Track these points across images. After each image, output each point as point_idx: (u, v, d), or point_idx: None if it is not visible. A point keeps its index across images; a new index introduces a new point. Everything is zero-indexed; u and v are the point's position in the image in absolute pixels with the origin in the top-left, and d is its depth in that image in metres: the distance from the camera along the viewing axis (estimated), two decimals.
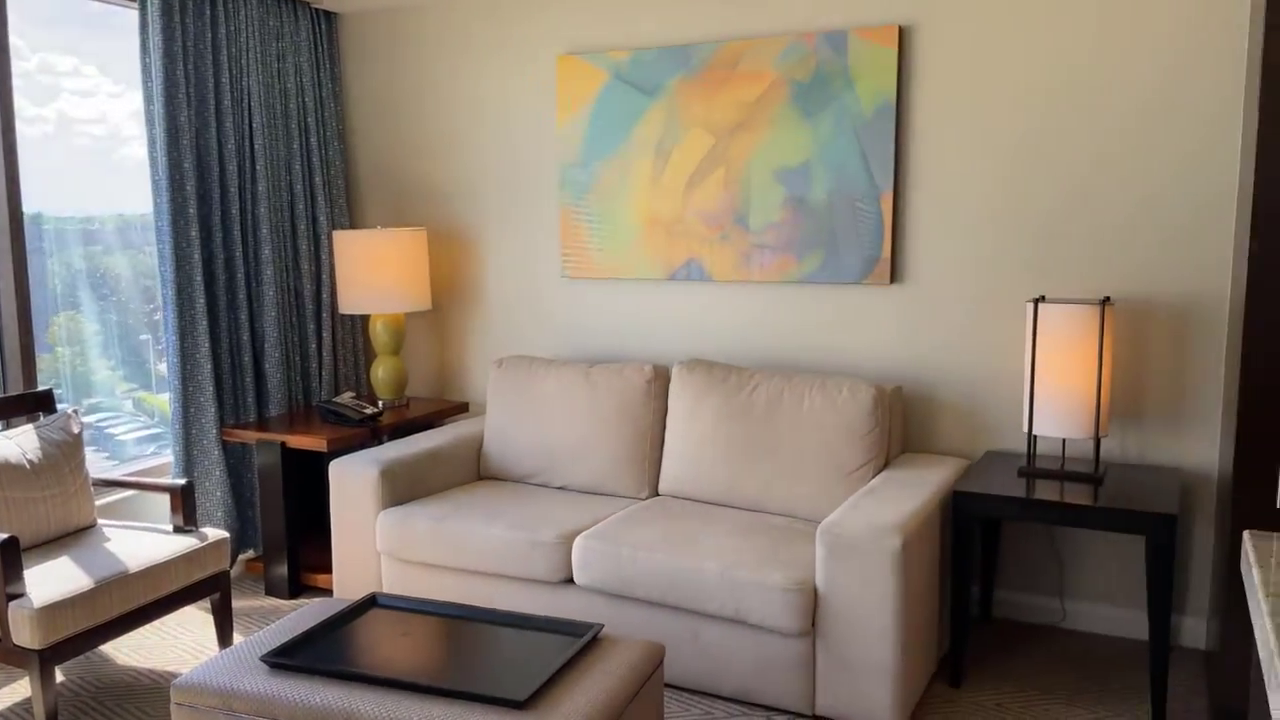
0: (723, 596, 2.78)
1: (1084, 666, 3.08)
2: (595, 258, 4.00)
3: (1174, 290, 3.12)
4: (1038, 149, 3.24)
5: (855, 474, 3.17)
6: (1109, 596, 3.32)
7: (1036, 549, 3.41)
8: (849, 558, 2.65)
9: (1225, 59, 2.98)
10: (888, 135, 3.41)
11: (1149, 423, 3.20)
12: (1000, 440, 3.40)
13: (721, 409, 3.37)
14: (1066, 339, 2.95)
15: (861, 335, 3.56)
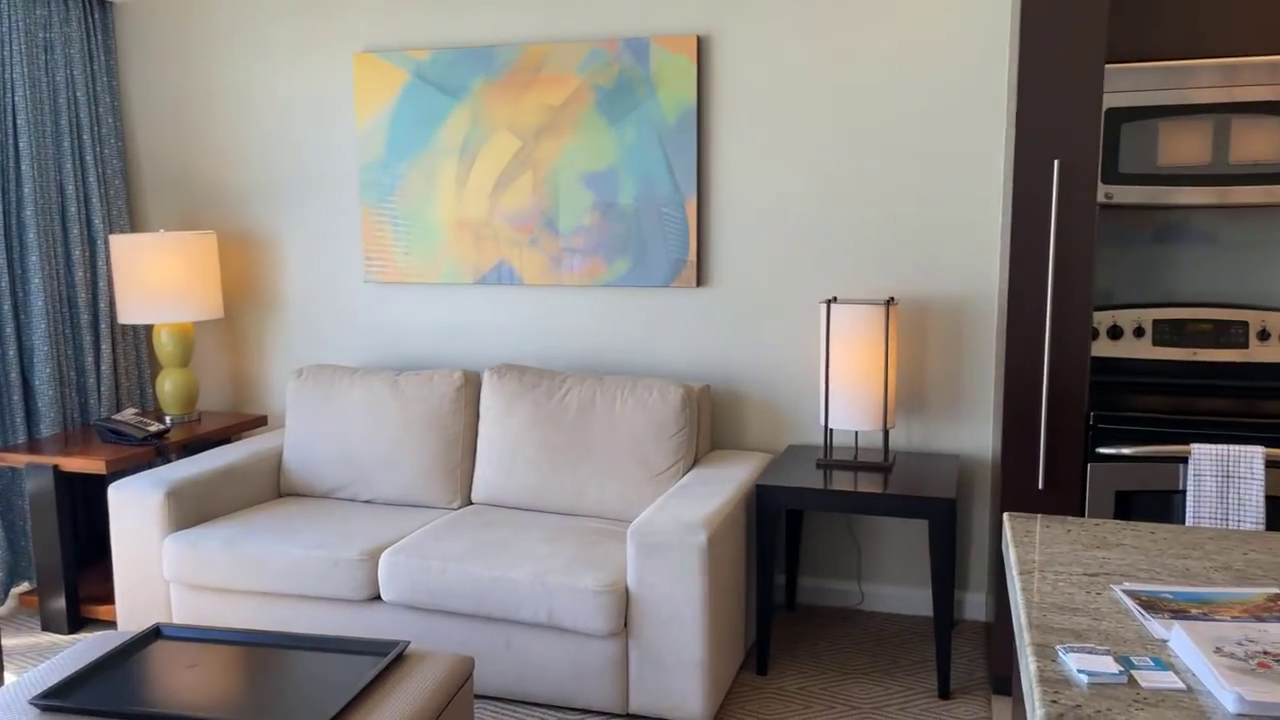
0: (535, 603, 2.76)
1: (880, 645, 3.26)
2: (401, 261, 3.89)
3: (950, 290, 3.36)
4: (828, 157, 3.41)
5: (665, 473, 3.23)
6: (902, 578, 3.53)
7: (836, 536, 3.58)
8: (658, 556, 2.69)
9: (991, 72, 3.23)
10: (690, 142, 3.50)
11: (931, 413, 3.42)
12: (801, 434, 3.56)
13: (533, 414, 3.35)
14: (856, 337, 3.12)
15: (670, 337, 3.64)
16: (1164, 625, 1.34)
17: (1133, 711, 1.12)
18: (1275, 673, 1.17)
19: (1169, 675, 1.20)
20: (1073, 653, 1.26)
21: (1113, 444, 2.70)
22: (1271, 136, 2.70)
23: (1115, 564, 1.60)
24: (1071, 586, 1.50)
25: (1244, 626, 1.32)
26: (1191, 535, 1.73)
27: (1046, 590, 1.49)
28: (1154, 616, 1.37)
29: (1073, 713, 1.13)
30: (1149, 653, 1.27)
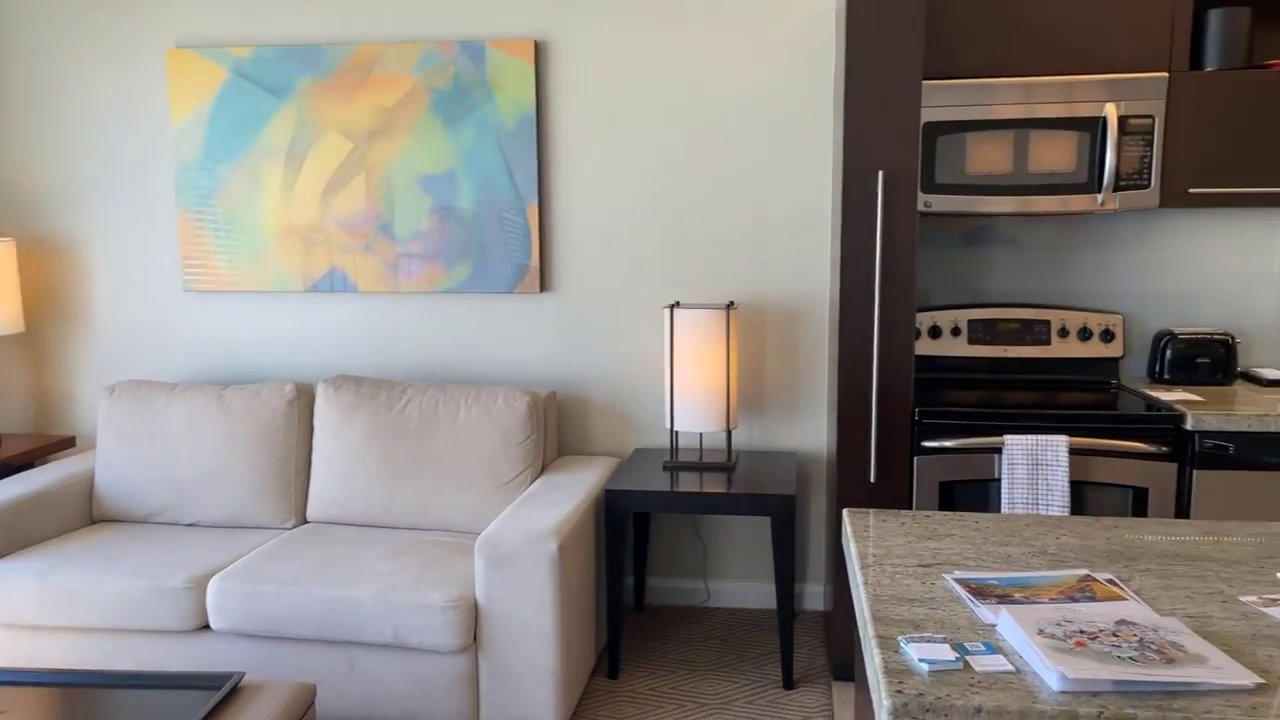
0: (380, 622, 2.67)
1: (726, 640, 3.34)
2: (224, 269, 3.68)
3: (786, 293, 3.48)
4: (669, 163, 3.47)
5: (513, 482, 3.19)
6: (746, 573, 3.63)
7: (682, 536, 3.65)
8: (508, 567, 2.66)
9: (821, 85, 3.37)
10: (530, 147, 3.47)
11: (771, 413, 3.54)
12: (648, 438, 3.60)
13: (372, 426, 3.24)
14: (699, 341, 3.18)
15: (515, 344, 3.60)
16: (992, 611, 1.43)
17: (969, 695, 1.19)
18: (1090, 650, 1.27)
19: (999, 659, 1.29)
20: (913, 643, 1.33)
21: (936, 437, 2.87)
22: (1065, 150, 2.94)
23: (946, 554, 1.69)
24: (908, 578, 1.58)
25: (1061, 608, 1.42)
26: (1010, 523, 1.86)
27: (885, 583, 1.56)
28: (983, 603, 1.46)
29: (916, 701, 1.19)
30: (980, 638, 1.35)
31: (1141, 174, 2.92)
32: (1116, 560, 1.65)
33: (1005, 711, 1.17)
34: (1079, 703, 1.17)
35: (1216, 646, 1.31)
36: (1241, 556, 1.66)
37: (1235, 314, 3.28)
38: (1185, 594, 1.50)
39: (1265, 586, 1.53)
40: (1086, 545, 1.73)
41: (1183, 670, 1.21)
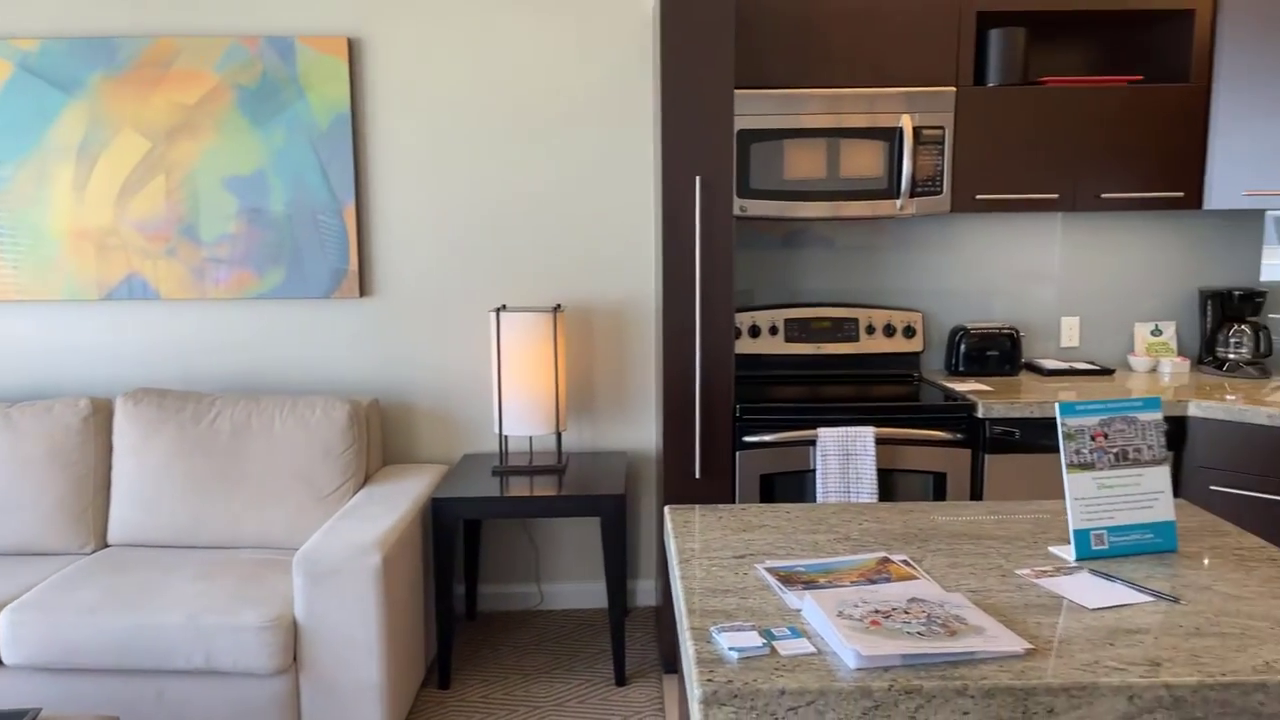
0: (190, 648, 2.53)
1: (560, 642, 3.35)
2: (8, 277, 3.39)
3: (613, 295, 3.52)
4: (493, 165, 3.44)
5: (334, 494, 3.09)
6: (579, 574, 3.65)
7: (514, 541, 3.63)
8: (328, 583, 2.57)
9: (641, 92, 3.43)
10: (345, 147, 3.37)
11: (601, 414, 3.57)
12: (476, 443, 3.56)
13: (178, 441, 3.07)
14: (526, 344, 3.18)
15: (334, 351, 3.48)
16: (798, 596, 1.50)
17: (774, 679, 1.25)
18: (884, 629, 1.36)
19: (803, 642, 1.35)
20: (724, 632, 1.38)
21: (756, 433, 2.98)
22: (871, 157, 3.12)
23: (759, 544, 1.77)
24: (723, 570, 1.64)
25: (860, 590, 1.51)
26: (818, 512, 1.95)
27: (702, 576, 1.61)
28: (790, 589, 1.53)
29: (725, 689, 1.24)
30: (787, 623, 1.42)
31: (935, 181, 3.14)
32: (912, 542, 1.76)
33: (806, 691, 1.23)
34: (872, 678, 1.25)
35: (994, 617, 1.43)
36: (1019, 533, 1.81)
37: (1020, 309, 3.57)
38: (970, 570, 1.62)
39: (1039, 560, 1.67)
40: (885, 529, 1.84)
41: (963, 641, 1.31)
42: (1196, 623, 1.41)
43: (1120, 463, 1.70)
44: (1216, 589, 1.53)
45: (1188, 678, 1.24)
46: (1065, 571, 1.61)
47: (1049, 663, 1.28)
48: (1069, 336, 3.57)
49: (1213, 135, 3.13)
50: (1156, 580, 1.57)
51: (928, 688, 1.23)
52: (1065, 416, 1.69)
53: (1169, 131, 3.14)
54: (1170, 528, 1.71)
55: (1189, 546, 1.73)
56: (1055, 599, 1.50)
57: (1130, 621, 1.41)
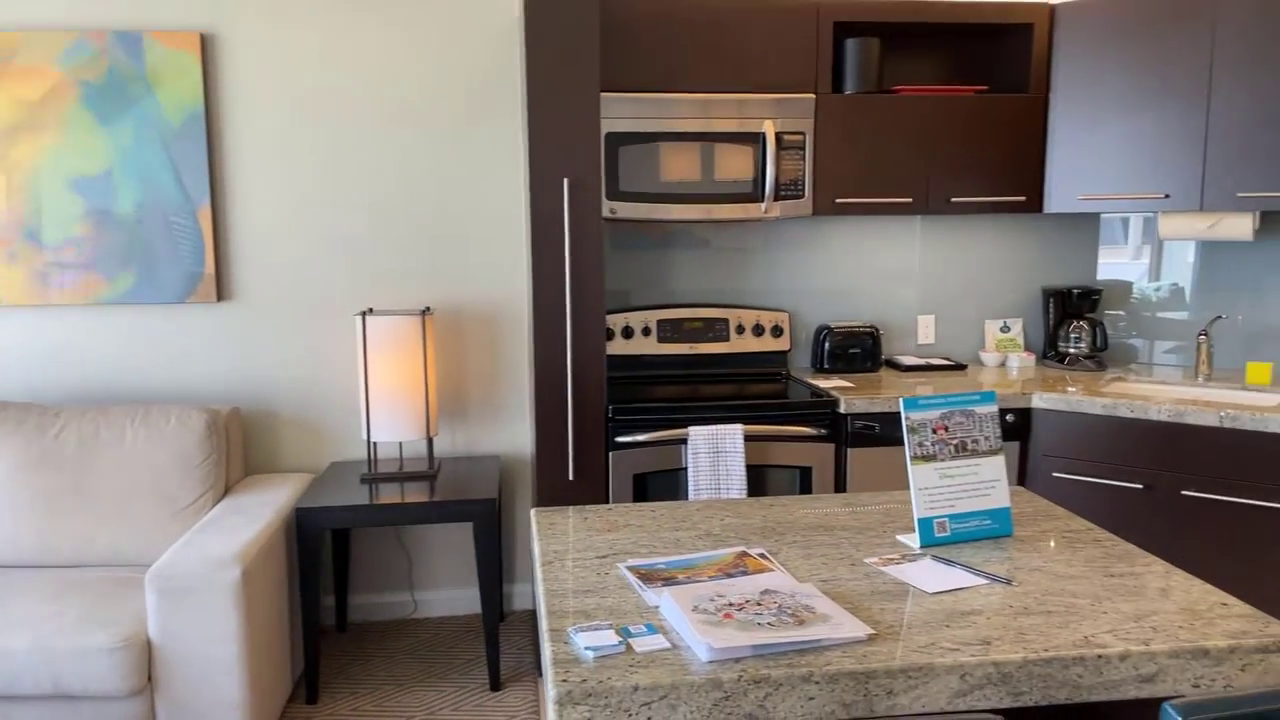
0: (36, 672, 2.39)
1: (434, 650, 3.31)
2: None
3: (485, 298, 3.50)
4: (358, 165, 3.37)
5: (191, 508, 2.97)
6: (454, 580, 3.61)
7: (386, 550, 3.56)
8: (184, 599, 2.47)
9: (511, 87, 3.42)
10: (199, 146, 3.24)
11: (474, 418, 3.54)
12: (344, 451, 3.48)
13: (21, 456, 2.89)
14: (394, 348, 3.13)
15: (190, 358, 3.35)
16: (656, 593, 1.53)
17: (629, 675, 1.27)
18: (737, 621, 1.40)
19: (659, 638, 1.38)
20: (581, 632, 1.39)
21: (629, 433, 3.01)
22: (740, 161, 3.19)
23: (623, 544, 1.79)
24: (585, 570, 1.65)
25: (717, 584, 1.55)
26: (683, 509, 1.99)
27: (564, 577, 1.62)
28: (649, 586, 1.56)
29: (580, 688, 1.25)
30: (645, 620, 1.44)
31: (797, 185, 3.23)
32: (769, 536, 1.82)
33: (659, 686, 1.26)
34: (723, 670, 1.28)
35: (841, 605, 1.49)
36: (871, 524, 1.89)
37: (882, 308, 3.71)
38: (822, 560, 1.69)
39: (887, 548, 1.75)
40: (746, 524, 1.89)
41: (810, 630, 1.37)
42: (1025, 603, 1.50)
43: (960, 454, 1.79)
44: (1046, 570, 1.63)
45: (1014, 655, 1.32)
46: (910, 559, 1.69)
47: (889, 646, 1.35)
48: (925, 334, 3.74)
49: (1051, 143, 3.33)
50: (993, 564, 1.66)
51: (775, 676, 1.27)
52: (909, 411, 1.77)
53: (1012, 139, 3.33)
54: (1006, 514, 1.81)
55: (1024, 531, 1.84)
56: (900, 585, 1.57)
57: (966, 604, 1.49)
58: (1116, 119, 3.19)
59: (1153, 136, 3.14)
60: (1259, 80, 2.95)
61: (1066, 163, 3.30)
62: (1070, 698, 1.33)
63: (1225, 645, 1.35)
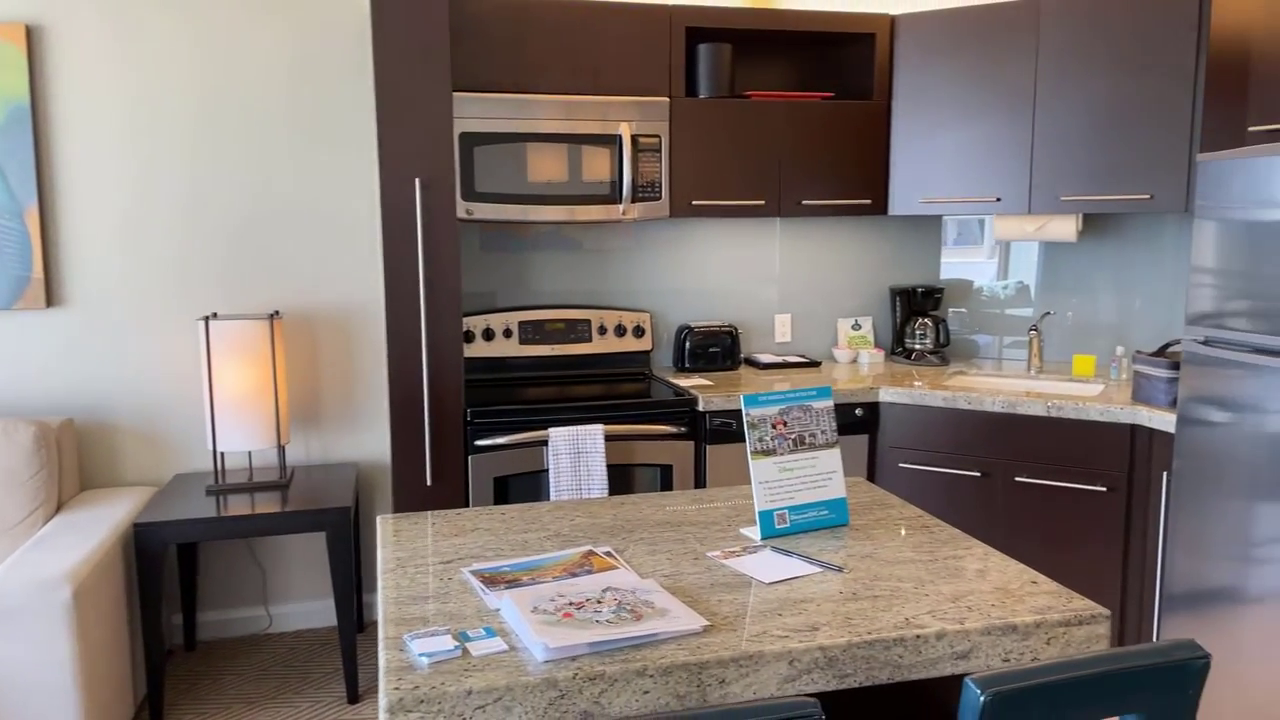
0: None
1: (290, 664, 3.20)
2: None
3: (339, 301, 3.41)
4: (202, 165, 3.23)
5: (20, 526, 2.79)
6: (311, 592, 3.50)
7: (237, 563, 3.43)
8: (10, 622, 2.32)
9: (364, 85, 3.34)
10: (25, 144, 3.05)
11: (329, 424, 3.45)
12: (189, 462, 3.33)
13: None
14: (241, 354, 3.01)
15: (18, 367, 3.14)
16: (498, 596, 1.53)
17: (463, 680, 1.27)
18: (576, 620, 1.41)
19: (497, 641, 1.38)
20: (417, 639, 1.38)
21: (489, 436, 2.99)
22: (598, 163, 3.21)
23: (469, 548, 1.78)
24: (428, 576, 1.64)
25: (560, 584, 1.56)
26: (533, 511, 1.99)
27: (405, 584, 1.60)
28: (492, 590, 1.55)
29: (411, 695, 1.24)
30: (484, 624, 1.44)
31: (655, 186, 3.28)
32: (618, 534, 1.84)
33: (494, 689, 1.26)
34: (559, 669, 1.29)
35: (680, 599, 1.52)
36: (717, 518, 1.93)
37: (742, 308, 3.80)
38: (667, 556, 1.72)
39: (730, 541, 1.80)
40: (595, 524, 1.91)
41: (648, 624, 1.39)
42: (854, 588, 1.56)
43: (798, 447, 1.86)
44: (876, 556, 1.71)
45: (839, 639, 1.38)
46: (750, 551, 1.74)
47: (723, 637, 1.38)
48: (783, 333, 3.85)
49: (894, 148, 3.47)
50: (828, 553, 1.73)
51: (610, 672, 1.29)
52: (749, 407, 1.82)
53: (858, 144, 3.46)
54: (842, 504, 1.88)
55: (859, 520, 1.92)
56: (739, 577, 1.61)
57: (799, 592, 1.55)
58: (952, 126, 3.36)
59: (985, 143, 3.32)
60: (1076, 93, 3.16)
61: (908, 167, 3.46)
62: (892, 677, 1.39)
63: (1032, 621, 1.44)
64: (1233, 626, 2.49)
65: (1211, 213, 2.53)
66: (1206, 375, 2.55)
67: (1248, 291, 2.42)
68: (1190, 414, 2.61)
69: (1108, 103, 3.12)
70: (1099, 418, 2.94)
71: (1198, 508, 2.59)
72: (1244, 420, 2.44)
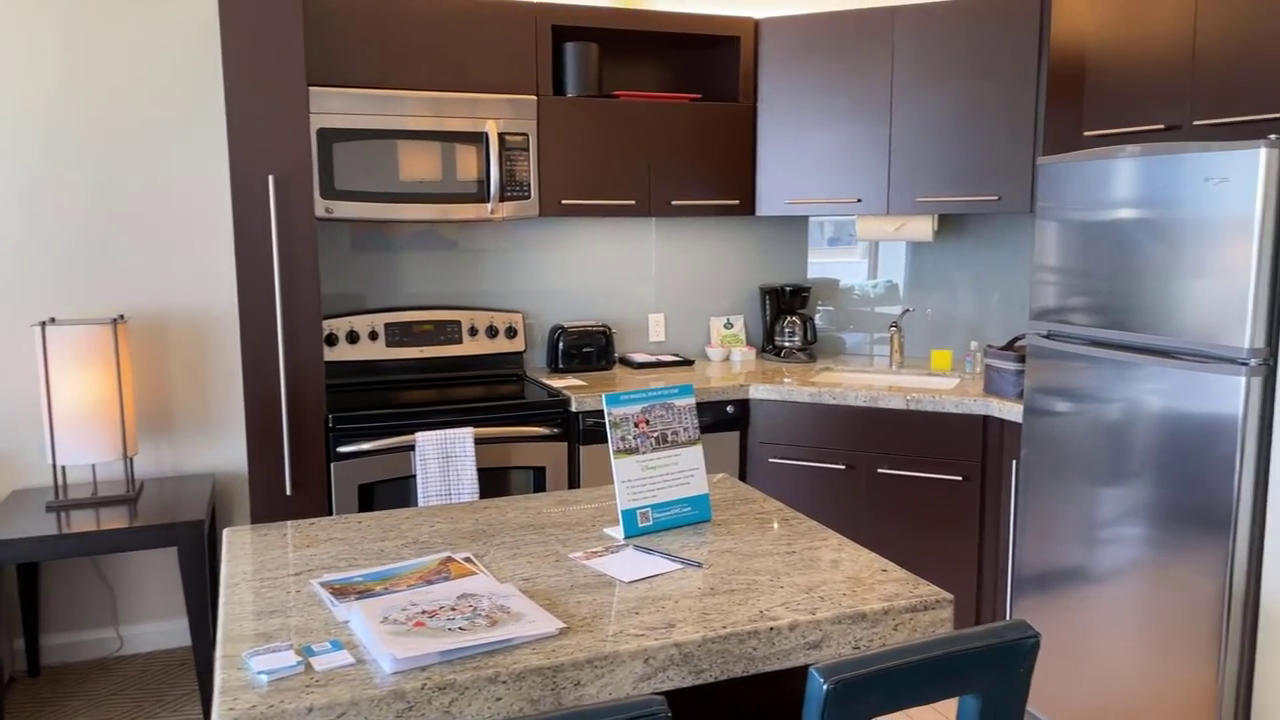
0: None
1: (143, 688, 3.03)
2: None
3: (192, 304, 3.24)
4: (37, 161, 3.02)
5: None
6: (166, 611, 3.33)
7: (84, 583, 3.23)
8: None
9: (213, 80, 3.18)
10: None
11: (182, 434, 3.28)
12: (27, 477, 3.11)
13: None
14: (82, 361, 2.83)
15: None
16: (347, 608, 1.47)
17: (304, 696, 1.21)
18: (428, 628, 1.37)
19: (343, 654, 1.33)
20: (257, 656, 1.31)
21: (352, 442, 2.90)
22: (469, 161, 3.15)
23: (321, 559, 1.71)
24: (275, 590, 1.57)
25: (414, 593, 1.51)
26: (392, 518, 1.94)
27: (250, 600, 1.53)
28: (342, 601, 1.50)
29: (247, 714, 1.18)
30: (331, 637, 1.38)
31: (523, 185, 3.24)
32: (479, 539, 1.80)
33: (337, 704, 1.21)
34: (408, 680, 1.25)
35: (537, 603, 1.49)
36: (581, 519, 1.92)
37: (618, 308, 3.80)
38: (528, 559, 1.69)
39: (593, 542, 1.78)
40: (456, 529, 1.86)
41: (502, 630, 1.36)
42: (712, 583, 1.57)
43: (661, 445, 1.86)
44: (736, 551, 1.72)
45: (694, 634, 1.38)
46: (613, 550, 1.73)
47: (578, 639, 1.37)
48: (656, 332, 3.87)
49: (760, 149, 3.54)
50: (689, 549, 1.74)
51: (461, 680, 1.26)
52: (611, 407, 1.81)
53: (726, 145, 3.51)
54: (705, 500, 1.90)
55: (721, 515, 1.93)
56: (599, 577, 1.60)
57: (659, 589, 1.55)
58: (815, 129, 3.45)
59: (846, 146, 3.41)
60: (929, 98, 3.28)
61: (774, 168, 3.52)
62: (746, 670, 1.41)
63: (880, 608, 1.47)
64: (1078, 604, 2.63)
65: (1051, 213, 2.67)
66: (1049, 368, 2.69)
67: (1084, 288, 2.56)
68: (1035, 405, 2.74)
69: (958, 108, 3.25)
70: (954, 410, 3.06)
71: (1044, 493, 2.72)
72: (1084, 410, 2.58)
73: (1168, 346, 2.35)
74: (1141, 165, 2.38)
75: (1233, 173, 2.17)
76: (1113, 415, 2.49)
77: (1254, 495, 2.21)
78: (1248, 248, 2.15)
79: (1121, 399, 2.46)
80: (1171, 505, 2.35)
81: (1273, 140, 2.12)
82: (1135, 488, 2.44)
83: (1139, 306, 2.41)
